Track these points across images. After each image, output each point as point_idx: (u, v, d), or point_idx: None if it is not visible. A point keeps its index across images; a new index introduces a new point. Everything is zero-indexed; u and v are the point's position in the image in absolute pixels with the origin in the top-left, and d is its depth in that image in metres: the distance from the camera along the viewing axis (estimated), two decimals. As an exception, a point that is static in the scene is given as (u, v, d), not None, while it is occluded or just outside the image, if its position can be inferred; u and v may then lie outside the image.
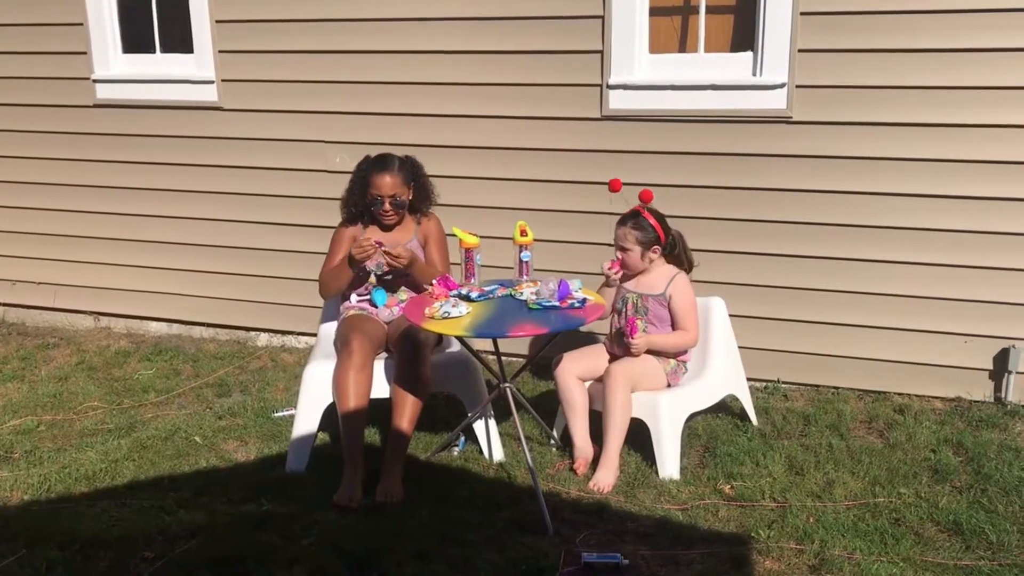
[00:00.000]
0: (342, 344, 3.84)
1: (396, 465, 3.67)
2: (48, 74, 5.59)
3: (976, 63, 4.06)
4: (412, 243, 4.08)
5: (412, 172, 4.06)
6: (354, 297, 4.10)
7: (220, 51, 5.20)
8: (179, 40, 5.35)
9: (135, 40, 5.49)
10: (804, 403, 4.48)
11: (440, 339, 4.05)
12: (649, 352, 3.85)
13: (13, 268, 6.05)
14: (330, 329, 4.21)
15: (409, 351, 3.78)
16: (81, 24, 5.43)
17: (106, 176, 5.64)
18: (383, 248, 3.87)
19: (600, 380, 3.86)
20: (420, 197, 4.10)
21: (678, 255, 3.94)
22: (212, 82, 5.25)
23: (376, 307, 4.02)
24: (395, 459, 3.68)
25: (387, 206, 3.97)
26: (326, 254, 4.10)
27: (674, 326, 3.87)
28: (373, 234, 4.03)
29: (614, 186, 3.92)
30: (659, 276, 3.87)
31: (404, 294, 4.07)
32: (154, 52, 5.44)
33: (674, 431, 3.74)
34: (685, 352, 3.94)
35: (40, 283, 6.00)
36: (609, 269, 3.85)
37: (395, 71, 4.90)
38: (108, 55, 5.46)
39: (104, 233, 5.74)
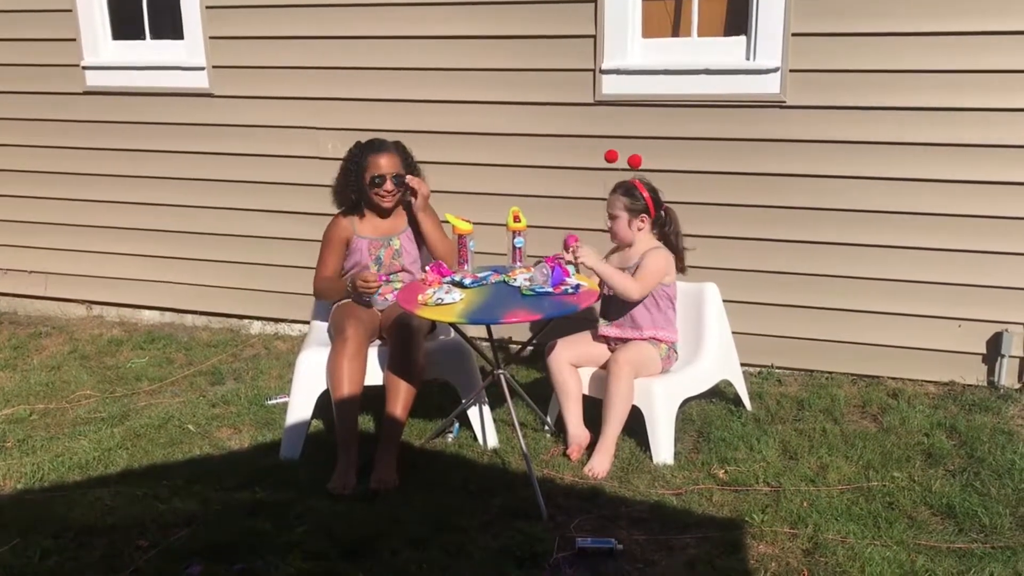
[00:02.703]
0: (336, 332, 3.84)
1: (390, 452, 3.67)
2: (37, 61, 5.55)
3: (969, 46, 4.04)
4: (408, 231, 4.07)
5: (406, 155, 4.06)
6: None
7: (211, 37, 5.17)
8: (169, 26, 5.31)
9: (125, 26, 5.45)
10: (798, 388, 4.49)
11: (434, 326, 4.04)
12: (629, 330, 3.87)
13: (4, 256, 6.02)
14: (324, 313, 4.20)
15: (402, 338, 3.77)
16: (70, 10, 5.38)
17: (97, 163, 5.61)
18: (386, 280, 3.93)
19: (602, 368, 3.87)
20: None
21: (667, 234, 3.92)
22: (203, 68, 5.22)
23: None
24: (389, 446, 3.68)
25: (389, 185, 3.94)
26: (319, 246, 4.08)
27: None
28: (366, 225, 4.02)
29: (610, 157, 3.89)
30: (639, 249, 3.86)
31: (398, 282, 4.06)
32: (144, 38, 5.41)
33: (668, 416, 3.74)
34: (671, 332, 3.93)
35: (32, 272, 5.98)
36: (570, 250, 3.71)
37: (387, 56, 4.88)
38: (97, 42, 5.42)
39: (95, 221, 5.72)
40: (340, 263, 4.07)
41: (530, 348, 4.61)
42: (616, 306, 3.89)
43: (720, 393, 4.31)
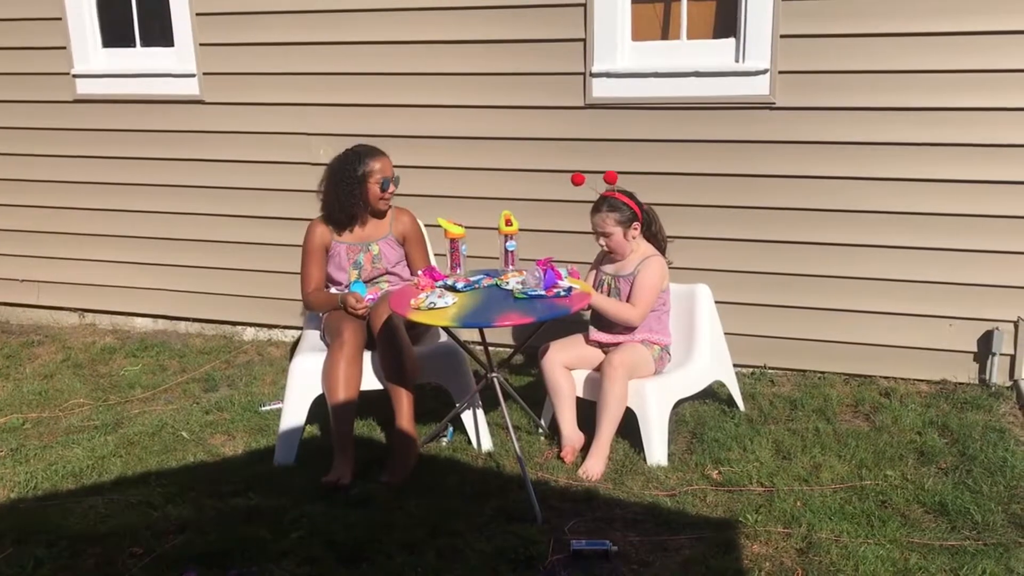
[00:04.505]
0: (334, 335, 3.83)
1: (405, 455, 3.69)
2: (27, 70, 5.54)
3: (959, 46, 4.06)
4: (388, 238, 4.08)
5: None
6: (334, 290, 4.09)
7: (201, 44, 5.17)
8: (159, 34, 5.31)
9: (115, 34, 5.45)
10: (791, 388, 4.50)
11: (426, 328, 4.04)
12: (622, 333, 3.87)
13: (-4, 266, 6.01)
14: (316, 322, 4.20)
15: (387, 341, 3.77)
16: (60, 19, 5.38)
17: (88, 172, 5.60)
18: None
19: (596, 370, 3.88)
20: None
21: (655, 233, 3.95)
22: (193, 75, 5.21)
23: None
24: (405, 451, 3.70)
25: (393, 187, 3.98)
26: (301, 255, 4.09)
27: (628, 299, 3.86)
28: (344, 230, 4.03)
29: (577, 180, 3.89)
30: (634, 257, 3.87)
31: (385, 283, 4.07)
32: (134, 46, 5.41)
33: (662, 418, 3.75)
34: (664, 335, 3.95)
35: (24, 280, 5.97)
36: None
37: (377, 61, 4.88)
38: (88, 50, 5.41)
39: (87, 229, 5.71)
40: (324, 272, 4.08)
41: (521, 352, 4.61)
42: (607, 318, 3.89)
43: (713, 394, 4.32)
